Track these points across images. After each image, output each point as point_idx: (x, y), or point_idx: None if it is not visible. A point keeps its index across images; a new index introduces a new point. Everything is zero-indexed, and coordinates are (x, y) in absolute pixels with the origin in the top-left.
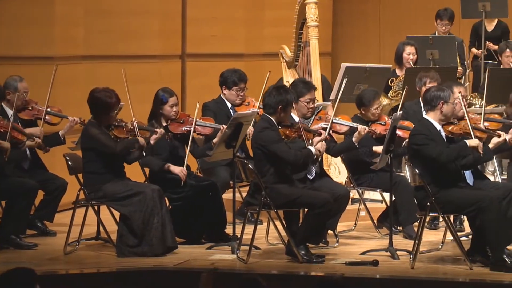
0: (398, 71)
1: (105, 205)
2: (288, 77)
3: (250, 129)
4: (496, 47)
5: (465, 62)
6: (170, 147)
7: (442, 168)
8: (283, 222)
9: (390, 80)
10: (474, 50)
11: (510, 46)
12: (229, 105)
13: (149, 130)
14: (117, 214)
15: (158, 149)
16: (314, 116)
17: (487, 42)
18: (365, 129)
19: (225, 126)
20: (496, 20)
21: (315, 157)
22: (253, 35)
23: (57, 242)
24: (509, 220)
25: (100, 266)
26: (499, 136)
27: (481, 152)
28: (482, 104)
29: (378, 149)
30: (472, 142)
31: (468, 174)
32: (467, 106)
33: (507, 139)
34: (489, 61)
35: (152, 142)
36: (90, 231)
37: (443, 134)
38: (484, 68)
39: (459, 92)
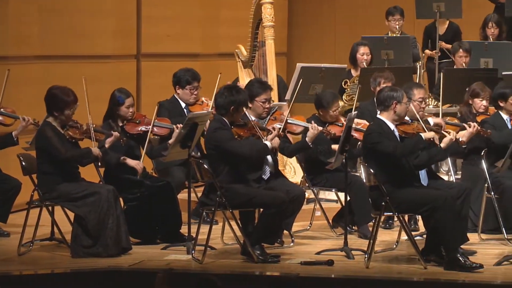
0: (353, 72)
1: (60, 205)
2: (244, 77)
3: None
4: (449, 46)
5: (419, 60)
6: (126, 147)
7: (397, 167)
8: (239, 222)
9: (344, 82)
10: (428, 51)
11: (463, 46)
12: (183, 105)
13: (104, 133)
14: (71, 215)
15: (113, 150)
16: (269, 116)
17: (440, 41)
18: (316, 127)
19: (180, 125)
20: (448, 22)
21: (271, 151)
22: (209, 35)
23: (11, 243)
24: (463, 220)
25: (55, 267)
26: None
27: (438, 144)
28: (436, 105)
29: (337, 147)
30: (428, 134)
31: (422, 174)
32: (424, 108)
33: (462, 139)
34: (444, 60)
35: (107, 145)
36: (44, 231)
37: (396, 133)
38: (439, 69)
39: (419, 95)
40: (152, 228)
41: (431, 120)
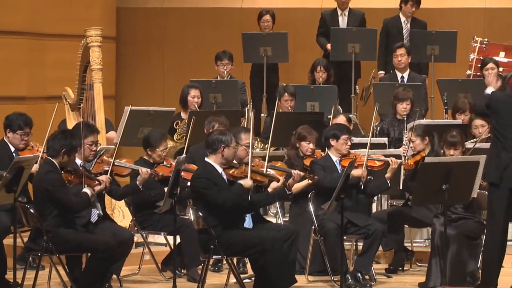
0: (183, 114)
1: None
2: (72, 120)
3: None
4: None
5: (247, 105)
6: None
7: (225, 211)
8: (66, 267)
9: (175, 123)
10: None
11: (288, 90)
12: (13, 149)
13: None
14: None
15: None
16: (96, 159)
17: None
18: (147, 171)
19: None
20: None
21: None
22: (35, 78)
23: None
24: (291, 262)
25: None
26: (278, 180)
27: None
28: (263, 148)
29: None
30: (246, 182)
31: (247, 218)
32: (253, 153)
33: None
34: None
35: None
36: None
37: (224, 177)
38: (268, 112)
39: (246, 140)
40: None
41: None
